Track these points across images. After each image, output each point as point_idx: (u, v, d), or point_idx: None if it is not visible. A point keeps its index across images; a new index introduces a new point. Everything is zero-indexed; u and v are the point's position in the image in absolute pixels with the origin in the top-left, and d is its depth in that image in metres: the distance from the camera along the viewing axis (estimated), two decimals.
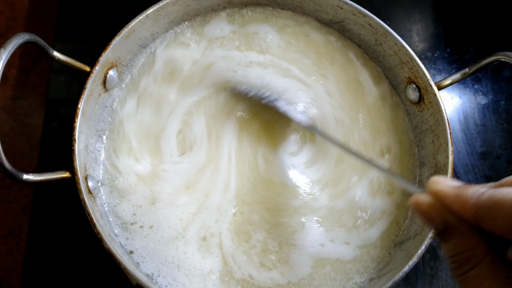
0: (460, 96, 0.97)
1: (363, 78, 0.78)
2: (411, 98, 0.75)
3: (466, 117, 0.95)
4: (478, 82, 0.98)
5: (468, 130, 0.94)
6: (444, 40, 1.02)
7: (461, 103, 0.96)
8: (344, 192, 0.72)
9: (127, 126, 0.74)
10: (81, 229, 0.74)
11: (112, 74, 0.72)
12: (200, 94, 0.75)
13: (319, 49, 0.79)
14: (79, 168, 0.63)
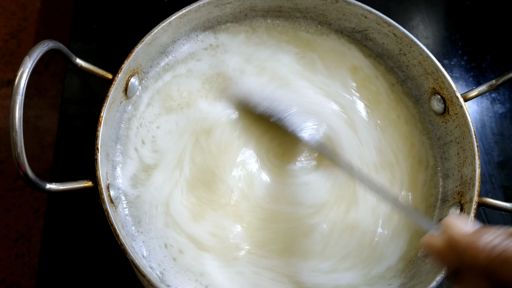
0: (477, 104, 0.96)
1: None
2: (435, 109, 0.74)
3: (483, 126, 0.94)
4: (495, 91, 0.98)
5: (486, 139, 0.93)
6: (461, 48, 1.01)
7: (479, 112, 0.95)
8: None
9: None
10: (98, 237, 0.73)
11: (133, 81, 0.70)
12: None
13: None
14: (102, 178, 0.62)
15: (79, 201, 0.79)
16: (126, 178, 0.70)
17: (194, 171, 0.71)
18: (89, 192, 0.62)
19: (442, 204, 0.73)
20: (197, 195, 0.70)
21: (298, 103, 0.73)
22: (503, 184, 0.90)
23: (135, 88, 0.72)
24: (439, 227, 0.43)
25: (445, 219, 0.41)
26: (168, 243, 0.67)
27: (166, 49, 0.76)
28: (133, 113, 0.74)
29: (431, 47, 1.00)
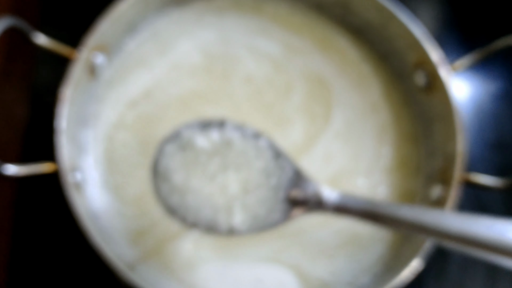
0: (471, 84, 0.93)
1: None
2: (419, 84, 0.71)
3: (477, 107, 0.91)
4: (489, 70, 0.94)
5: (480, 120, 0.89)
6: (455, 26, 0.97)
7: (472, 92, 0.92)
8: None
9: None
10: (67, 222, 0.70)
11: (98, 59, 0.67)
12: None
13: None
14: (64, 159, 0.59)
15: (50, 189, 0.76)
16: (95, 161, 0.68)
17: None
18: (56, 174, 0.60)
19: (427, 182, 0.70)
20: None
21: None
22: (498, 166, 0.86)
23: (102, 66, 0.69)
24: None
25: None
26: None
27: (136, 26, 0.73)
28: (101, 93, 0.71)
29: (421, 23, 0.96)
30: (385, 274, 0.64)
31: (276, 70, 0.75)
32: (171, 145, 0.58)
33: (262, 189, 0.57)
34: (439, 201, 0.64)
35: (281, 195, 0.58)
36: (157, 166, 0.58)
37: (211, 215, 0.57)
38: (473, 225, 0.47)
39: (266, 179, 0.57)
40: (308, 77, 0.75)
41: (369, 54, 0.77)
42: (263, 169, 0.57)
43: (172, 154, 0.58)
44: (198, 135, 0.58)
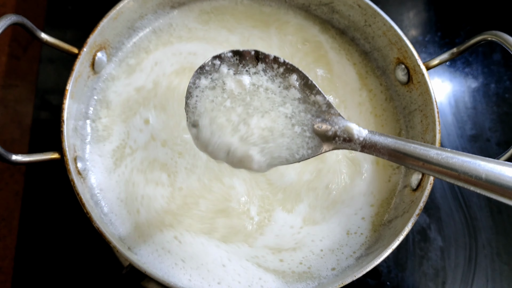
0: (451, 79, 0.97)
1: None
2: (400, 78, 0.75)
3: (456, 101, 0.95)
4: (468, 66, 0.99)
5: (459, 113, 0.94)
6: (435, 24, 1.02)
7: (452, 87, 0.97)
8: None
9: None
10: (73, 211, 0.74)
11: (100, 56, 0.71)
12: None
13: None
14: (68, 149, 0.63)
15: (55, 179, 0.80)
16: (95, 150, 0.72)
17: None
18: (62, 167, 0.64)
19: (407, 171, 0.74)
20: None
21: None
22: None
23: (102, 63, 0.73)
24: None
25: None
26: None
27: (134, 24, 0.77)
28: (103, 89, 0.75)
29: (405, 23, 1.01)
30: (367, 256, 0.68)
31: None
32: (204, 79, 0.59)
33: (285, 138, 0.57)
34: (418, 188, 0.69)
35: (309, 133, 0.57)
36: (188, 100, 0.59)
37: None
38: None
39: (291, 128, 0.57)
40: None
41: (353, 52, 0.81)
42: (289, 116, 0.57)
43: (203, 90, 0.59)
44: (230, 79, 0.58)
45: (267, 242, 0.69)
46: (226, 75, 0.59)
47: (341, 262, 0.69)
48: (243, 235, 0.69)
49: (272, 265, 0.67)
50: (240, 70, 0.59)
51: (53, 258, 0.78)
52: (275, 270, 0.67)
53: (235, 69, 0.59)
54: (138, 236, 0.67)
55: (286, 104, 0.58)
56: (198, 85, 0.59)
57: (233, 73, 0.59)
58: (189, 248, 0.67)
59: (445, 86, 0.96)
